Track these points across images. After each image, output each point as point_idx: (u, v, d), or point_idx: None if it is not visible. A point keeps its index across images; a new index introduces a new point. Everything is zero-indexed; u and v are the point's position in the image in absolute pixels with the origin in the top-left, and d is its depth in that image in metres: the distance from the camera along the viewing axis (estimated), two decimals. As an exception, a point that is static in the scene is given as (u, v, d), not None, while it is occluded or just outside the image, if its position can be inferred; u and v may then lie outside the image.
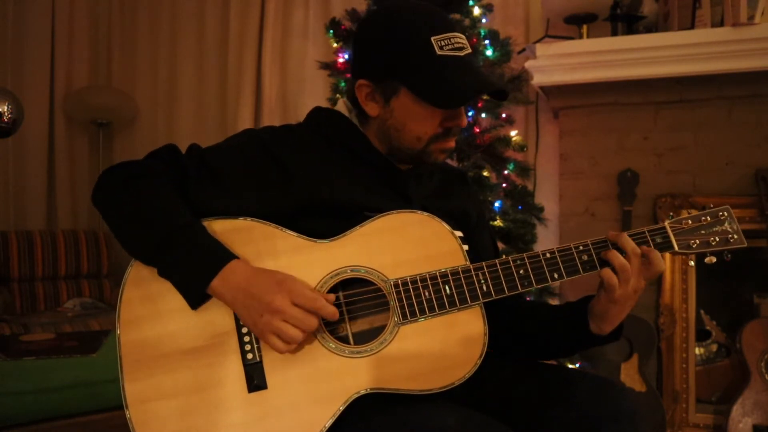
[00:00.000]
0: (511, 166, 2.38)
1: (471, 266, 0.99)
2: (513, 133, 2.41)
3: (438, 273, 0.98)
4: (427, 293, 0.97)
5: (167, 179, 1.01)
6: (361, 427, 0.91)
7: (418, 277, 0.97)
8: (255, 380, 0.93)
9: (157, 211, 0.96)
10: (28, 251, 3.08)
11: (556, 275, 1.00)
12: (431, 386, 0.93)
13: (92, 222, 3.62)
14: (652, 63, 2.35)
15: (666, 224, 1.03)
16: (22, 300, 3.06)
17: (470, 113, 2.34)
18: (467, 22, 2.37)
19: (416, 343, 0.95)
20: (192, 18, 3.62)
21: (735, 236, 1.03)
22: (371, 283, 0.98)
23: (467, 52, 1.03)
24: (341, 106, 1.14)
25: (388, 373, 0.94)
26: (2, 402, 1.64)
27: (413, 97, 1.02)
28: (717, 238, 1.02)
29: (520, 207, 2.39)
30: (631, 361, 2.37)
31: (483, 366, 0.95)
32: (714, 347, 2.58)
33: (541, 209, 2.42)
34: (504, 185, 2.38)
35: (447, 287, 0.97)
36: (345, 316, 0.98)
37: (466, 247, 1.03)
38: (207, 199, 1.01)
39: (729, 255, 1.03)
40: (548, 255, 1.00)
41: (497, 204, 2.35)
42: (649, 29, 2.50)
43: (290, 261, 0.97)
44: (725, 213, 1.04)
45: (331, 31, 2.48)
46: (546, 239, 2.61)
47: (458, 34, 1.02)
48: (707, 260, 1.04)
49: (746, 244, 1.03)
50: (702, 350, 2.56)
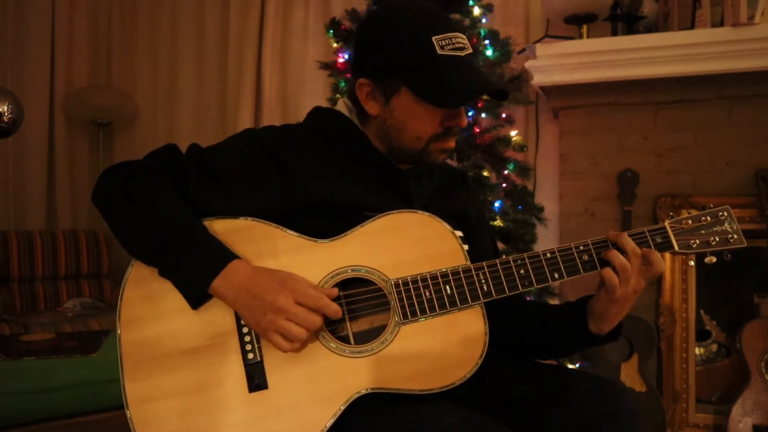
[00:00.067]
0: (511, 166, 2.38)
1: (471, 266, 0.99)
2: (513, 133, 2.41)
3: (439, 273, 0.98)
4: (428, 293, 0.97)
5: (167, 179, 1.01)
6: (362, 427, 0.91)
7: (419, 277, 0.97)
8: (256, 380, 0.93)
9: (158, 211, 0.96)
10: (28, 251, 3.08)
11: (557, 275, 1.00)
12: (432, 386, 0.93)
13: (92, 222, 3.62)
14: (652, 63, 2.35)
15: (666, 224, 1.03)
16: (22, 300, 3.06)
17: (470, 113, 2.34)
18: (467, 22, 2.37)
19: (417, 343, 0.95)
20: (192, 18, 3.62)
21: (735, 236, 1.03)
22: (372, 283, 0.98)
23: (468, 52, 1.03)
24: (341, 106, 1.14)
25: (389, 373, 0.94)
26: (2, 402, 1.64)
27: (414, 97, 1.02)
28: (717, 238, 1.03)
29: (520, 207, 2.38)
30: (631, 361, 2.37)
31: (483, 366, 0.95)
32: (714, 347, 2.58)
33: (541, 209, 2.42)
34: (504, 185, 2.38)
35: (448, 287, 0.97)
36: (346, 316, 0.98)
37: (466, 247, 1.03)
38: (207, 199, 1.01)
39: (729, 255, 1.03)
40: (549, 255, 1.00)
41: (497, 204, 2.35)
42: (649, 29, 2.50)
43: (291, 261, 0.97)
44: (725, 213, 1.04)
45: (331, 31, 2.48)
46: (546, 239, 2.61)
47: (459, 34, 1.02)
48: (707, 260, 1.04)
49: (746, 244, 1.03)
50: (702, 350, 2.56)
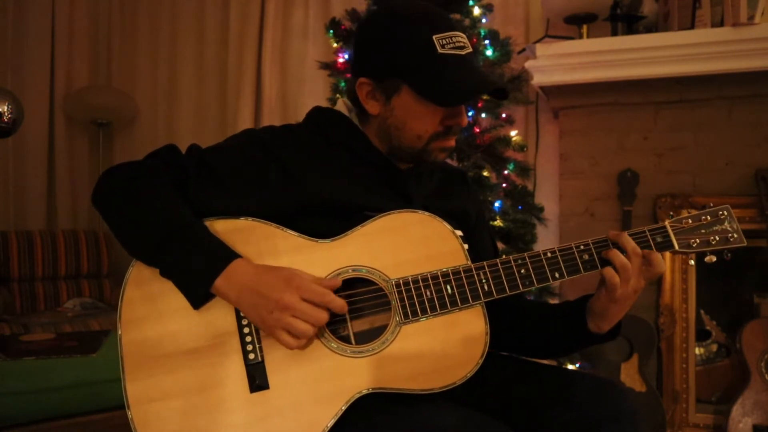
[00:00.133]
0: (511, 166, 2.38)
1: (472, 266, 0.99)
2: (513, 133, 2.41)
3: (439, 272, 0.98)
4: (429, 293, 0.97)
5: (168, 179, 1.01)
6: (362, 427, 0.91)
7: (420, 277, 0.97)
8: (257, 380, 0.93)
9: (158, 211, 0.96)
10: (28, 251, 3.08)
11: (557, 274, 1.00)
12: (432, 386, 0.93)
13: (92, 222, 3.62)
14: (652, 63, 2.35)
15: (666, 224, 1.03)
16: (22, 300, 3.06)
17: (470, 113, 2.34)
18: (467, 22, 2.37)
19: (418, 343, 0.95)
20: (192, 18, 3.62)
21: (735, 235, 1.03)
22: (373, 283, 0.98)
23: (468, 51, 1.03)
24: (340, 106, 1.14)
25: (390, 373, 0.94)
26: (2, 402, 1.63)
27: (414, 95, 1.02)
28: (717, 237, 1.03)
29: (520, 207, 2.39)
30: (631, 361, 2.37)
31: (484, 366, 0.95)
32: (714, 347, 2.58)
33: (541, 209, 2.42)
34: (504, 185, 2.38)
35: (448, 287, 0.97)
36: (347, 316, 0.98)
37: (466, 246, 1.03)
38: (207, 199, 1.01)
39: (729, 254, 1.03)
40: (549, 254, 1.00)
41: (497, 204, 2.35)
42: (649, 29, 2.50)
43: (291, 261, 0.97)
44: (725, 212, 1.04)
45: (331, 31, 2.48)
46: (546, 239, 2.61)
47: (459, 33, 1.03)
48: (707, 259, 1.04)
49: (746, 243, 1.03)
50: (702, 350, 2.56)
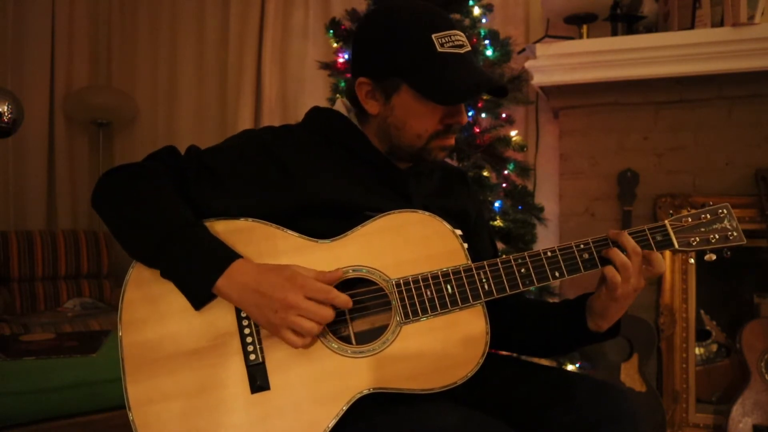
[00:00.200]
0: (511, 166, 2.38)
1: (472, 265, 0.99)
2: (513, 133, 2.41)
3: (440, 272, 0.98)
4: (429, 292, 0.97)
5: (167, 180, 1.01)
6: (363, 427, 0.91)
7: (420, 277, 0.97)
8: (258, 381, 0.93)
9: (158, 211, 0.96)
10: (28, 251, 3.08)
11: (558, 273, 1.00)
12: (433, 386, 0.93)
13: (92, 222, 3.62)
14: (652, 63, 2.35)
15: (666, 222, 1.03)
16: (22, 300, 3.06)
17: (470, 113, 2.33)
18: (467, 22, 2.37)
19: (418, 343, 0.95)
20: (192, 18, 3.61)
21: (734, 233, 1.03)
22: (373, 283, 0.98)
23: (467, 50, 1.03)
24: (339, 106, 1.14)
25: (390, 373, 0.94)
26: (2, 402, 1.63)
27: (414, 94, 1.02)
28: (717, 236, 1.03)
29: (520, 207, 2.38)
30: (631, 361, 2.37)
31: (484, 366, 0.95)
32: (714, 347, 2.58)
33: (541, 209, 2.42)
34: (504, 185, 2.38)
35: (449, 286, 0.97)
36: (347, 316, 0.98)
37: (466, 246, 1.03)
38: (207, 200, 1.01)
39: (728, 252, 1.03)
40: (549, 253, 1.00)
41: (497, 204, 2.35)
42: (649, 29, 2.50)
43: (291, 261, 0.97)
44: (724, 210, 1.04)
45: (331, 31, 2.48)
46: (546, 239, 2.61)
47: (458, 32, 1.03)
48: (707, 257, 1.04)
49: (745, 242, 1.03)
50: (702, 350, 2.56)
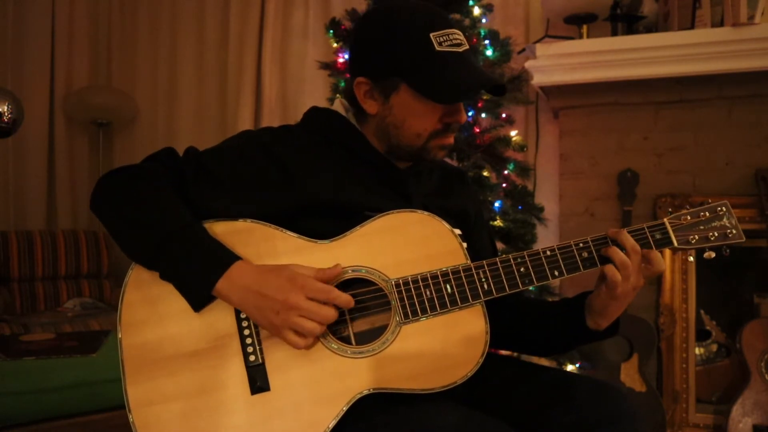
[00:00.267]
0: (511, 166, 2.38)
1: (472, 265, 0.99)
2: (513, 133, 2.41)
3: (439, 272, 0.98)
4: (429, 292, 0.97)
5: (166, 181, 1.01)
6: (363, 427, 0.91)
7: (419, 277, 0.97)
8: (258, 382, 0.93)
9: (157, 213, 0.96)
10: (28, 251, 3.08)
11: (557, 272, 1.00)
12: (433, 385, 0.93)
13: (92, 222, 3.61)
14: (652, 63, 2.35)
15: (665, 220, 1.03)
16: (22, 300, 3.06)
17: (470, 113, 2.33)
18: (467, 22, 2.37)
19: (418, 343, 0.95)
20: (192, 18, 3.61)
21: (733, 231, 1.03)
22: (372, 283, 0.98)
23: (466, 49, 1.03)
24: (337, 106, 1.14)
25: (390, 373, 0.94)
26: (2, 402, 1.63)
27: (413, 93, 1.02)
28: (716, 233, 1.03)
29: (520, 207, 2.38)
30: (631, 361, 2.37)
31: (484, 366, 0.95)
32: (714, 347, 2.58)
33: (541, 209, 2.42)
34: (504, 185, 2.38)
35: (448, 286, 0.97)
36: (347, 317, 0.98)
37: (465, 245, 1.03)
38: (206, 202, 1.01)
39: (728, 250, 1.03)
40: (548, 252, 1.00)
41: (497, 204, 2.35)
42: (649, 29, 2.50)
43: (291, 262, 0.97)
44: (723, 208, 1.04)
45: (331, 31, 2.48)
46: (546, 239, 2.61)
47: (456, 31, 1.03)
48: (706, 255, 1.04)
49: (744, 239, 1.03)
50: (702, 350, 2.56)
